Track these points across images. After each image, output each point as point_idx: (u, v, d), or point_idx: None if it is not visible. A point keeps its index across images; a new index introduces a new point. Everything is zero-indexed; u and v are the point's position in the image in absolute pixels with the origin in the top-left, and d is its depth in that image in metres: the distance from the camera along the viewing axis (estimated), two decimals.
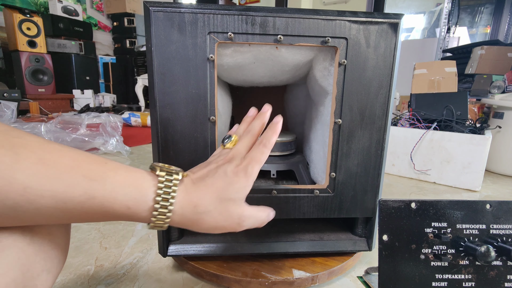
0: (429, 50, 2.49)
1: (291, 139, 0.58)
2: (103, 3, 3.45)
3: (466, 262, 0.26)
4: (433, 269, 0.26)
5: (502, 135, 1.18)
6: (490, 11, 2.66)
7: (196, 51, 0.39)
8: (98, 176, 0.23)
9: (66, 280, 0.47)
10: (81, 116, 1.40)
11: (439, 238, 0.26)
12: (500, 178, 1.17)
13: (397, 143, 1.15)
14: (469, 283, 0.26)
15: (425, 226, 0.27)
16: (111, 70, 3.33)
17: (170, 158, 0.42)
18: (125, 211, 0.24)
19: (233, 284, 0.46)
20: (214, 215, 0.28)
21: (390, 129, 0.44)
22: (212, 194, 0.28)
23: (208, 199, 0.28)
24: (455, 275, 0.26)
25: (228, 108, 0.60)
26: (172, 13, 0.38)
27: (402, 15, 0.41)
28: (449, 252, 0.26)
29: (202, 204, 0.28)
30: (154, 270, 0.51)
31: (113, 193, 0.23)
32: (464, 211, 0.26)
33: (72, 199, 0.22)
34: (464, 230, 0.26)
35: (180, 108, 0.41)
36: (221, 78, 0.56)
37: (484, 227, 0.26)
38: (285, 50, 0.43)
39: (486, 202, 0.26)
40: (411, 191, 0.99)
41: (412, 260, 0.26)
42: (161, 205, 0.25)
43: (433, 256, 0.27)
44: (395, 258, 0.27)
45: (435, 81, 1.33)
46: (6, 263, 0.21)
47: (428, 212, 0.27)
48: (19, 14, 2.32)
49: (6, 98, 2.19)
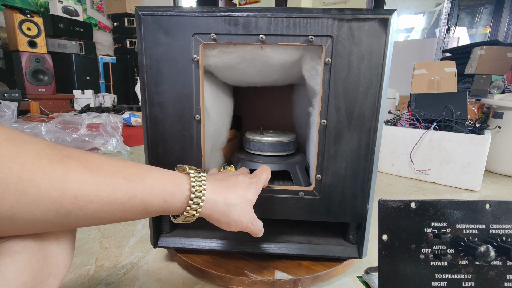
0: (429, 50, 2.49)
1: (289, 140, 0.57)
2: (104, 4, 3.45)
3: (466, 262, 0.26)
4: (433, 269, 0.26)
5: (501, 135, 1.18)
6: (489, 11, 2.66)
7: (182, 52, 0.41)
8: (136, 177, 0.26)
9: (66, 280, 0.48)
10: (82, 116, 1.40)
11: (439, 238, 0.26)
12: (499, 178, 1.17)
13: (397, 143, 1.15)
14: (469, 282, 0.26)
15: (425, 226, 0.27)
16: (111, 70, 3.33)
17: (159, 155, 0.44)
18: (162, 204, 0.27)
19: (215, 279, 0.47)
20: (239, 209, 0.32)
21: (382, 131, 0.42)
22: (237, 192, 0.33)
23: (234, 194, 0.32)
24: (454, 274, 0.26)
25: (226, 107, 0.60)
26: (159, 16, 0.40)
27: (393, 11, 0.38)
28: (449, 252, 0.27)
29: (231, 197, 0.32)
30: (154, 270, 0.51)
31: (152, 189, 0.26)
32: (464, 211, 0.26)
33: (116, 200, 0.24)
34: (464, 230, 0.26)
35: (168, 107, 0.43)
36: (220, 79, 0.56)
37: (484, 227, 0.26)
38: (270, 50, 0.43)
39: (485, 202, 0.26)
40: (411, 191, 0.99)
41: (411, 260, 0.27)
42: (195, 195, 0.29)
43: (433, 256, 0.27)
44: (395, 258, 0.27)
45: (434, 81, 1.33)
46: (18, 267, 0.22)
47: (427, 212, 0.27)
48: (19, 14, 2.33)
49: (6, 98, 2.19)
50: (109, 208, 0.24)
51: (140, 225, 0.67)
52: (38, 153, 0.21)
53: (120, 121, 1.40)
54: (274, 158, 0.56)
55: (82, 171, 0.22)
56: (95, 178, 0.23)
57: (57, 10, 2.84)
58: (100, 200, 0.23)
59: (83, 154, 0.24)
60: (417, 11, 3.19)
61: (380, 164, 1.22)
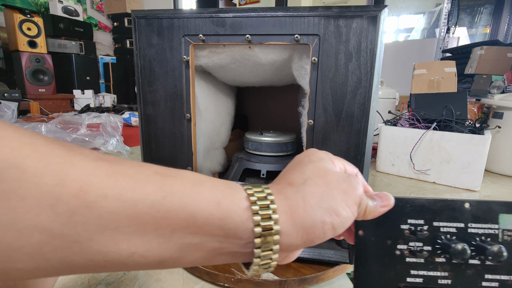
0: (429, 50, 2.49)
1: (288, 140, 0.57)
2: (104, 4, 3.46)
3: (443, 259, 0.26)
4: (408, 265, 0.26)
5: (501, 135, 1.18)
6: (489, 11, 2.66)
7: (173, 53, 0.43)
8: (172, 172, 0.18)
9: (66, 280, 0.48)
10: (82, 116, 1.40)
11: (415, 235, 0.26)
12: (499, 178, 1.17)
13: (397, 143, 1.15)
14: (445, 280, 0.25)
15: (402, 222, 0.26)
16: (111, 70, 3.33)
17: (152, 151, 0.46)
18: (214, 209, 0.17)
19: (203, 275, 0.48)
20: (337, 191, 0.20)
21: (372, 132, 0.41)
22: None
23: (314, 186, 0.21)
24: (430, 272, 0.26)
25: (225, 107, 0.60)
26: (152, 19, 0.42)
27: (383, 7, 0.36)
28: (425, 249, 0.26)
29: (310, 189, 0.20)
30: (154, 269, 0.51)
31: (196, 185, 0.17)
32: (442, 209, 0.26)
33: (144, 199, 0.15)
34: (441, 228, 0.26)
35: (160, 105, 0.45)
36: (218, 78, 0.56)
37: (463, 226, 0.26)
38: (258, 50, 0.43)
39: (465, 201, 0.26)
40: (411, 191, 0.99)
41: (387, 256, 0.26)
42: (260, 206, 0.18)
43: (409, 253, 0.26)
44: (371, 253, 0.27)
45: (434, 81, 1.33)
46: None
47: (404, 208, 0.26)
48: (19, 14, 2.33)
49: (6, 98, 2.19)
50: (133, 211, 0.15)
51: None
52: (32, 136, 0.15)
53: (120, 121, 1.40)
54: (272, 158, 0.56)
55: (92, 158, 0.16)
56: (111, 166, 0.16)
57: (57, 10, 2.84)
58: (119, 196, 0.15)
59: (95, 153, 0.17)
60: (417, 11, 3.19)
61: (380, 164, 1.22)
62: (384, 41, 0.39)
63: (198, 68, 0.48)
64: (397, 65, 2.54)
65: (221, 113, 0.57)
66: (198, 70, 0.49)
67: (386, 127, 1.19)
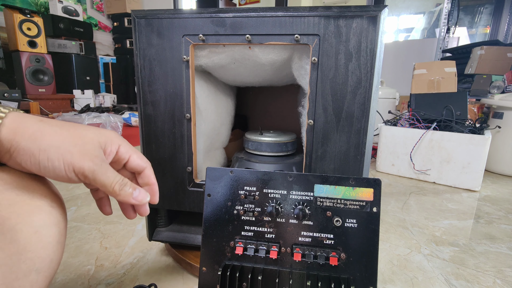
0: (429, 50, 2.49)
1: (288, 140, 0.57)
2: (104, 4, 3.46)
3: (269, 218, 0.35)
4: (243, 221, 0.35)
5: (501, 135, 1.18)
6: (489, 11, 2.66)
7: (173, 53, 0.42)
8: None
9: (66, 280, 0.48)
10: (82, 116, 1.40)
11: (248, 199, 0.35)
12: (499, 178, 1.17)
13: (397, 143, 1.15)
14: (270, 235, 0.35)
15: (239, 189, 0.36)
16: (111, 70, 3.33)
17: (152, 151, 0.47)
18: None
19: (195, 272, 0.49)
20: (69, 138, 0.25)
21: (372, 132, 0.41)
22: None
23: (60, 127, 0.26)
24: (260, 227, 0.35)
25: (225, 107, 0.60)
26: (152, 19, 0.42)
27: (383, 7, 0.36)
28: (256, 210, 0.35)
29: (53, 123, 0.25)
30: (154, 270, 0.51)
31: None
32: (271, 180, 0.35)
33: None
34: (269, 194, 0.35)
35: (160, 105, 0.45)
36: (219, 78, 0.56)
37: (285, 193, 0.35)
38: (258, 50, 0.43)
39: (288, 174, 0.35)
40: (411, 190, 0.99)
41: (227, 214, 0.36)
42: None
43: (243, 212, 0.35)
44: (215, 211, 0.36)
45: (434, 81, 1.33)
46: None
47: (242, 179, 0.36)
48: (19, 14, 2.33)
49: (6, 98, 2.19)
50: None
51: (140, 225, 0.67)
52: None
53: (120, 121, 1.40)
54: (272, 158, 0.56)
55: None
56: None
57: (57, 10, 2.84)
58: None
59: None
60: (417, 11, 3.19)
61: (380, 164, 1.22)
62: (384, 41, 0.39)
63: (198, 68, 0.48)
64: (397, 65, 2.54)
65: (221, 113, 0.57)
66: (198, 70, 0.49)
67: (386, 127, 1.19)
